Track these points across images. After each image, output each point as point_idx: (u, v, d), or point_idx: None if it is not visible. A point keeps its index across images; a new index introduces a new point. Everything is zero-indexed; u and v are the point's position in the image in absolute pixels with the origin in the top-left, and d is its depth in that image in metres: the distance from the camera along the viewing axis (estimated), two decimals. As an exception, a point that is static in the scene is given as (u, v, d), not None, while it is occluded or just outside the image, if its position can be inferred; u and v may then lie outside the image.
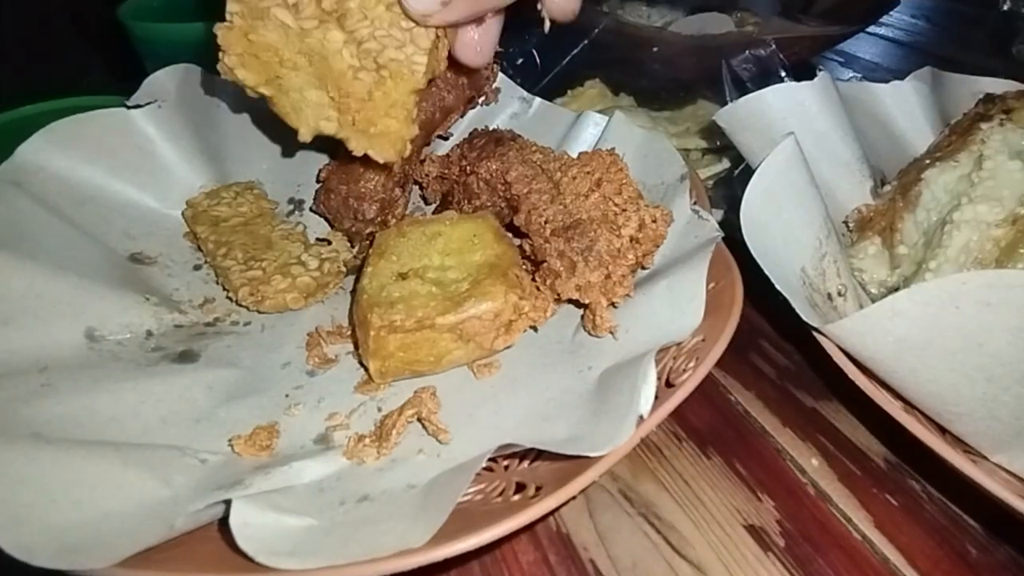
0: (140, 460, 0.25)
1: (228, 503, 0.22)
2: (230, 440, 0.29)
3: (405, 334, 0.30)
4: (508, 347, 0.32)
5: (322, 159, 0.44)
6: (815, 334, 0.28)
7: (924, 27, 0.94)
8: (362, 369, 0.34)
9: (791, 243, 0.29)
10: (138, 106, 0.41)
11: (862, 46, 0.87)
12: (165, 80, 0.42)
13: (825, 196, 0.33)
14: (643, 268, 0.35)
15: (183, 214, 0.40)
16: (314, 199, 0.42)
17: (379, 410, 0.32)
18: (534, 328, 0.34)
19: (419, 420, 0.30)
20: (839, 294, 0.31)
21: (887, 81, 0.45)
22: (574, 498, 0.22)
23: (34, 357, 0.29)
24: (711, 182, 0.48)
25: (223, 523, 0.22)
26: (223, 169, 0.43)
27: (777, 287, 0.26)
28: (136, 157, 0.40)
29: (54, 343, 0.30)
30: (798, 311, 0.26)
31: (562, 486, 0.22)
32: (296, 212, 0.44)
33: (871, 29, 0.85)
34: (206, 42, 0.46)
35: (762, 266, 0.27)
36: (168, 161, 0.42)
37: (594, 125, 0.44)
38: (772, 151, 0.28)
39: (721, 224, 0.33)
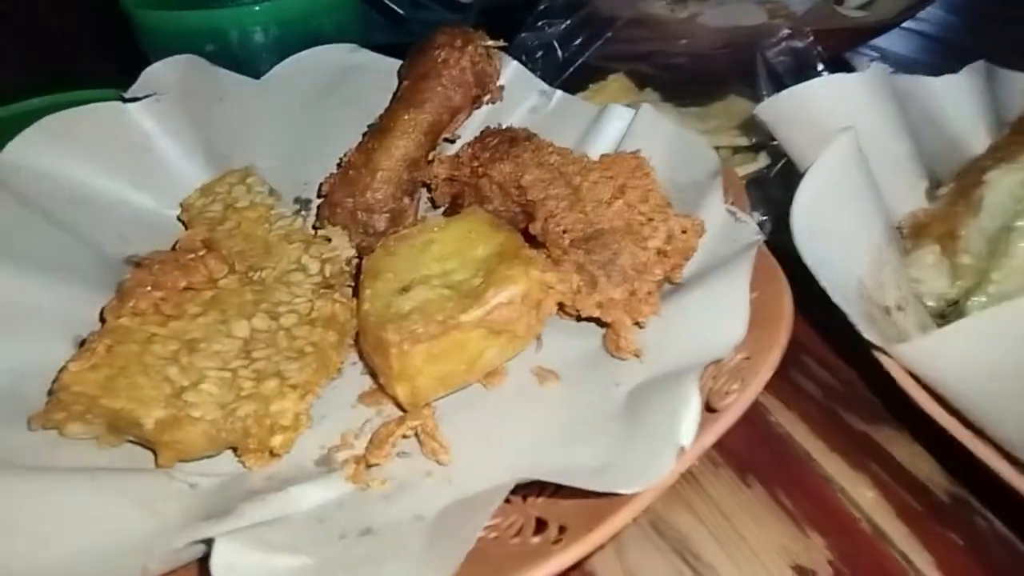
0: (120, 487, 0.23)
1: (210, 543, 0.20)
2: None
3: (430, 342, 0.27)
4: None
5: (330, 156, 0.41)
6: (876, 354, 0.24)
7: (957, 23, 0.90)
8: (367, 377, 0.32)
9: (848, 250, 0.26)
10: (136, 99, 0.38)
11: (896, 41, 0.83)
12: (165, 71, 0.40)
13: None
14: (670, 283, 0.32)
15: (179, 218, 0.38)
16: (317, 214, 0.39)
17: (386, 428, 0.29)
18: (565, 310, 0.31)
19: (416, 436, 0.28)
20: (898, 308, 0.28)
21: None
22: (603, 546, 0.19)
23: (12, 370, 0.27)
24: (743, 183, 0.45)
25: (204, 562, 0.20)
26: (225, 166, 0.41)
27: (835, 301, 0.23)
28: (132, 154, 0.38)
29: (36, 355, 0.28)
30: (860, 330, 0.23)
31: (590, 529, 0.19)
32: (303, 212, 0.42)
33: (905, 24, 0.81)
34: (210, 31, 0.44)
35: (817, 277, 0.24)
36: (167, 158, 0.39)
37: (619, 119, 0.41)
38: (828, 147, 0.25)
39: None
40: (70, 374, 0.26)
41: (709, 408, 0.24)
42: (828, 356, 0.35)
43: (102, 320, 0.30)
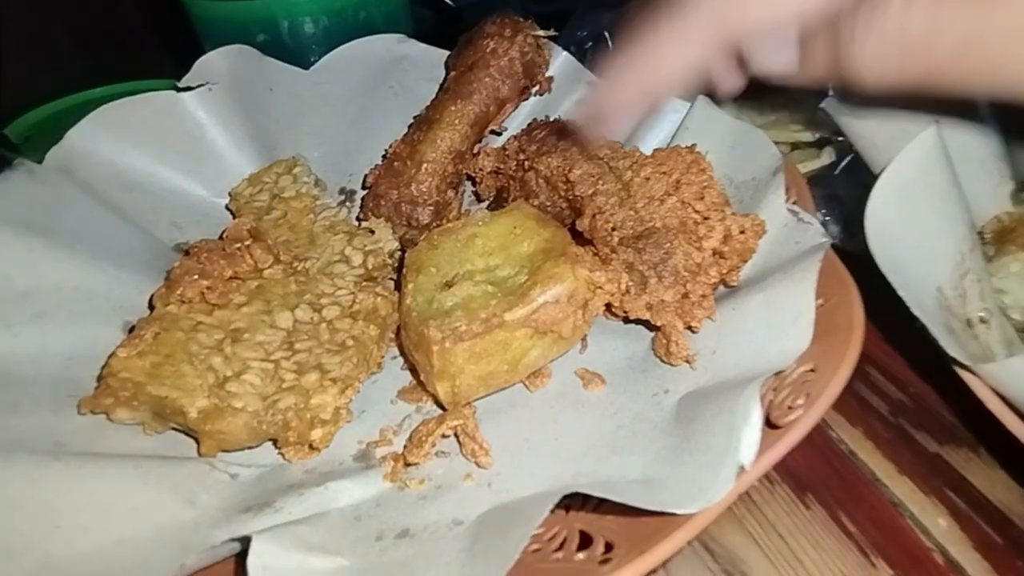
0: (163, 476, 0.23)
1: (247, 539, 0.19)
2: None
3: (473, 340, 0.26)
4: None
5: (376, 147, 0.41)
6: (960, 372, 0.22)
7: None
8: (407, 372, 0.31)
9: (927, 256, 0.24)
10: (189, 88, 0.39)
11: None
12: (217, 61, 0.40)
13: (959, 200, 0.27)
14: (726, 286, 0.30)
15: (227, 207, 0.38)
16: (361, 206, 0.39)
17: (425, 425, 0.29)
18: (611, 311, 0.30)
19: (456, 436, 0.27)
20: (981, 321, 0.25)
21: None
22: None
23: (66, 355, 0.28)
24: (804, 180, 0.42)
25: (240, 558, 0.19)
26: (273, 156, 0.41)
27: (916, 314, 0.21)
28: (185, 142, 0.39)
29: (88, 339, 0.29)
30: (943, 346, 0.21)
31: (642, 551, 0.18)
32: (347, 202, 0.42)
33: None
34: (261, 20, 0.45)
35: (893, 285, 0.22)
36: (217, 147, 0.40)
37: (673, 112, 0.39)
38: (909, 144, 0.23)
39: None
40: (118, 360, 0.27)
41: (770, 424, 0.22)
42: (896, 369, 0.32)
43: (151, 306, 0.30)
